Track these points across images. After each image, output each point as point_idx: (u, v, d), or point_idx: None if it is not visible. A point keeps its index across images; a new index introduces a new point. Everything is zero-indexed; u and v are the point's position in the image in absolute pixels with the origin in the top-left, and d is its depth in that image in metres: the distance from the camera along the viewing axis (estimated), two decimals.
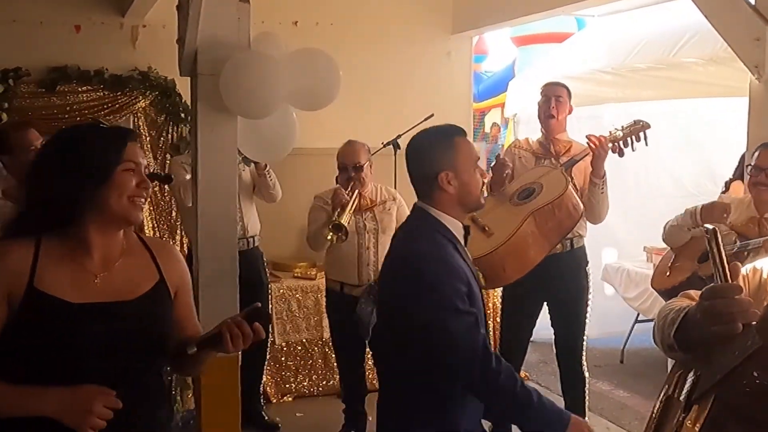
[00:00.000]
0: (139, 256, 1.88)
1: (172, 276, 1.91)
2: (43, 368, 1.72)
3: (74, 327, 1.73)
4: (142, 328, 1.79)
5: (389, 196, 4.22)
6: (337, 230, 3.88)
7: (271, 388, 4.98)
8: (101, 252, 1.81)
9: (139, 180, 1.80)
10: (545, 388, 5.30)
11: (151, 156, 5.22)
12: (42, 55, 4.91)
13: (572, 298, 3.99)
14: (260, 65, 2.50)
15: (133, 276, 1.84)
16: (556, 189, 3.58)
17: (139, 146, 1.86)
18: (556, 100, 3.92)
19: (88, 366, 1.72)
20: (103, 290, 1.78)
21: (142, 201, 1.81)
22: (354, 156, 4.09)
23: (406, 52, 5.79)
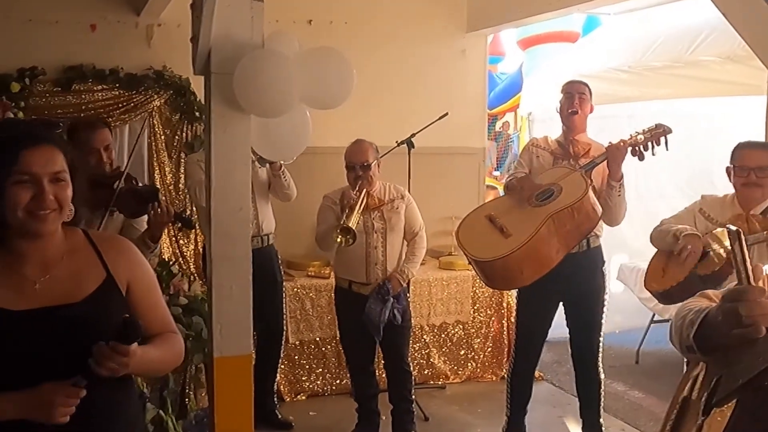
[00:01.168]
0: (84, 255, 1.82)
1: (121, 271, 1.84)
2: None
3: (19, 335, 1.69)
4: (88, 330, 1.72)
5: (398, 194, 4.20)
6: (346, 233, 3.88)
7: (284, 386, 4.99)
8: (36, 257, 1.76)
9: (36, 192, 1.69)
10: (559, 388, 5.28)
11: (165, 155, 5.24)
12: (58, 54, 4.93)
13: (588, 298, 3.96)
14: (274, 64, 2.49)
15: (77, 277, 1.78)
16: (575, 192, 3.56)
17: (45, 148, 1.73)
18: (579, 97, 3.90)
19: (39, 373, 1.68)
20: (45, 295, 1.74)
21: (44, 215, 1.70)
22: (361, 155, 4.09)
23: (420, 51, 5.78)
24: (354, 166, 4.10)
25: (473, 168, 6.07)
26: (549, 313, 4.04)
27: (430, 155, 5.33)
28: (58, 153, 1.75)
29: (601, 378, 4.07)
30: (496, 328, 5.51)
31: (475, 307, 5.44)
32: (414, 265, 4.19)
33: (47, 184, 1.70)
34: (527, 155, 4.05)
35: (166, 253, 5.12)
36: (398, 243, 4.16)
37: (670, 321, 1.69)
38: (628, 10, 5.99)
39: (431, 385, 5.30)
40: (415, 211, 4.24)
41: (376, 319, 4.03)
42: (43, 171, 1.71)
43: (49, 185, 1.71)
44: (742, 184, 3.24)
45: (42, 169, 1.71)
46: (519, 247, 3.45)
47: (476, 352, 5.46)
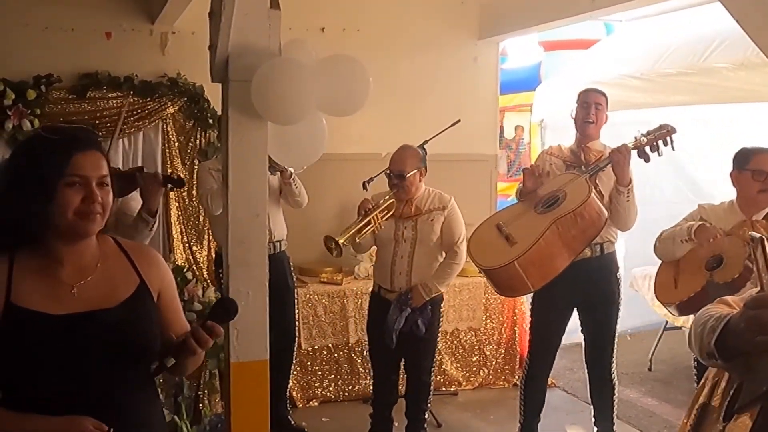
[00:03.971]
0: (117, 262, 1.87)
1: (154, 279, 1.90)
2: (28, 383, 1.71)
3: (57, 339, 1.71)
4: (126, 334, 1.77)
5: (440, 205, 4.08)
6: (330, 242, 3.88)
7: (297, 392, 5.00)
8: (73, 262, 1.79)
9: (86, 194, 1.74)
10: (572, 395, 5.27)
11: (179, 161, 5.26)
12: (73, 61, 4.96)
13: (602, 304, 3.96)
14: (291, 72, 2.51)
15: (112, 283, 1.82)
16: (578, 197, 3.57)
17: (93, 153, 1.78)
18: (596, 107, 3.90)
19: (75, 376, 1.71)
20: (82, 300, 1.77)
21: (93, 215, 1.75)
22: (399, 164, 4.02)
23: (432, 58, 5.79)
24: (391, 173, 4.07)
25: (485, 174, 6.07)
26: (563, 319, 4.04)
27: (442, 162, 5.32)
28: (103, 158, 1.80)
29: (614, 384, 4.07)
30: (508, 334, 5.50)
31: (487, 314, 5.44)
32: (442, 280, 4.03)
33: (96, 187, 1.75)
34: (541, 163, 4.06)
35: (180, 260, 5.14)
36: (428, 255, 4.04)
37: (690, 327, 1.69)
38: (641, 17, 5.99)
39: (443, 391, 5.30)
40: (457, 222, 4.08)
41: (391, 326, 4.01)
42: (93, 174, 1.76)
43: (97, 188, 1.76)
44: (760, 190, 3.22)
45: (92, 172, 1.76)
46: (522, 254, 3.47)
47: (488, 359, 5.46)
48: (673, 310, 3.44)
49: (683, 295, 3.35)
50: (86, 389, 1.72)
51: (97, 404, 1.71)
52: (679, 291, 3.39)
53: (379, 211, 3.96)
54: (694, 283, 3.31)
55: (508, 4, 5.65)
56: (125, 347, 1.75)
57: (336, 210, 4.56)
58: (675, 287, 3.42)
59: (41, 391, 1.71)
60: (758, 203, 3.27)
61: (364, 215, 3.97)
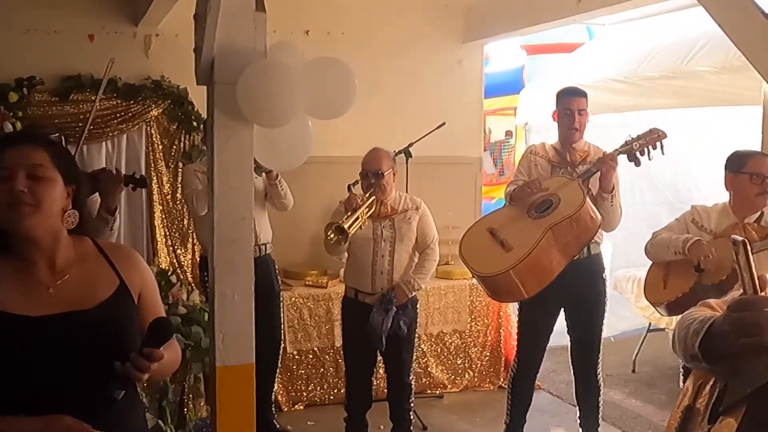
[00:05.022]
0: (96, 263, 1.84)
1: (134, 279, 1.87)
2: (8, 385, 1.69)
3: (34, 340, 1.69)
4: (104, 335, 1.74)
5: (413, 205, 4.17)
6: (339, 233, 3.87)
7: (282, 396, 4.99)
8: (47, 262, 1.77)
9: (14, 186, 1.68)
10: (557, 397, 5.29)
11: (163, 164, 5.24)
12: (56, 63, 4.93)
13: (589, 305, 3.99)
14: (277, 74, 2.50)
15: (90, 284, 1.80)
16: (573, 203, 3.58)
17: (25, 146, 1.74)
18: (579, 113, 3.92)
19: (54, 378, 1.69)
20: (60, 300, 1.74)
21: (18, 206, 1.68)
22: (375, 163, 4.09)
23: (417, 61, 5.80)
24: (367, 173, 4.10)
25: (470, 177, 6.09)
26: (550, 320, 4.06)
27: (427, 164, 5.36)
28: (39, 150, 1.75)
29: (600, 385, 4.09)
30: (493, 337, 5.52)
31: (472, 317, 5.45)
32: (423, 276, 4.13)
33: (23, 177, 1.70)
34: (526, 163, 4.07)
35: (164, 263, 5.12)
36: (406, 254, 4.13)
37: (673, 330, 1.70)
38: (623, 20, 6.04)
39: (429, 394, 5.30)
40: (430, 223, 4.19)
41: (379, 328, 4.00)
42: (18, 163, 1.71)
43: (25, 179, 1.70)
44: (758, 193, 3.25)
45: (17, 163, 1.71)
46: (519, 261, 3.47)
47: (474, 362, 5.47)
48: (662, 309, 3.48)
49: (672, 295, 3.38)
50: (65, 390, 1.70)
51: (77, 405, 1.69)
52: (668, 291, 3.42)
53: (365, 206, 3.98)
54: (682, 284, 3.34)
55: (493, 7, 5.67)
56: (104, 348, 1.72)
57: (321, 213, 4.55)
58: (664, 287, 3.46)
59: (22, 392, 1.69)
60: (754, 206, 3.31)
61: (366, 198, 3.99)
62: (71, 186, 1.80)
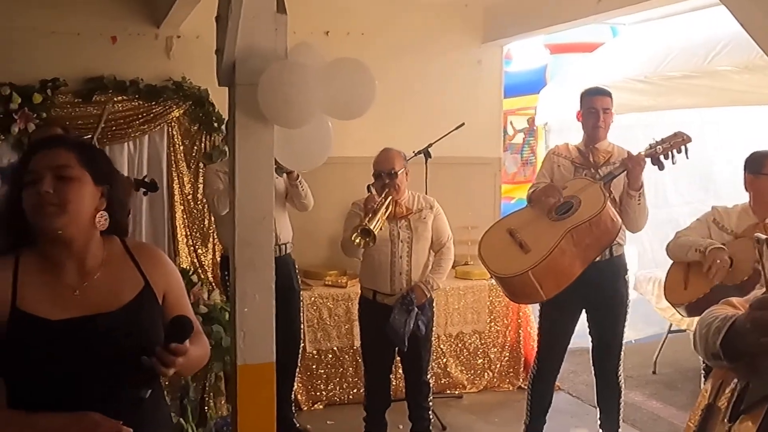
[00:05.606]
0: (122, 265, 1.84)
1: (159, 279, 1.87)
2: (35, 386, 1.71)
3: (58, 343, 1.70)
4: (127, 337, 1.75)
5: (426, 204, 4.19)
6: (365, 235, 3.88)
7: (302, 395, 5.01)
8: (75, 264, 1.78)
9: (39, 189, 1.70)
10: (577, 398, 5.27)
11: (184, 165, 5.28)
12: (79, 65, 4.99)
13: (611, 307, 3.97)
14: (297, 75, 2.52)
15: (115, 285, 1.80)
16: (593, 206, 3.57)
17: (51, 150, 1.75)
18: (604, 112, 3.90)
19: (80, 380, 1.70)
20: (84, 303, 1.75)
21: (44, 209, 1.70)
22: (388, 163, 4.10)
23: (436, 61, 5.81)
24: (381, 173, 4.11)
25: (489, 177, 6.09)
26: (571, 321, 4.04)
27: (446, 165, 5.36)
28: (66, 151, 1.76)
29: (621, 387, 4.07)
30: (512, 337, 5.51)
31: (491, 317, 5.44)
32: (440, 275, 4.16)
33: (49, 179, 1.71)
34: (548, 164, 4.05)
35: (185, 263, 5.16)
36: (424, 253, 4.15)
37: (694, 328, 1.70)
38: (645, 20, 6.00)
39: (448, 394, 5.30)
40: (444, 221, 4.22)
41: (401, 330, 4.02)
42: (44, 165, 1.72)
43: (52, 180, 1.71)
44: None
45: (42, 164, 1.72)
46: (538, 263, 3.46)
47: (493, 362, 5.46)
48: (682, 310, 3.46)
49: (692, 296, 3.36)
50: (91, 391, 1.72)
51: (103, 406, 1.70)
52: (689, 292, 3.40)
53: (385, 207, 3.99)
54: (703, 284, 3.32)
55: (512, 7, 5.66)
56: (127, 349, 1.72)
57: (340, 213, 4.55)
58: (684, 288, 3.44)
59: (48, 394, 1.71)
60: None
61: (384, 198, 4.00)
62: (103, 186, 1.80)
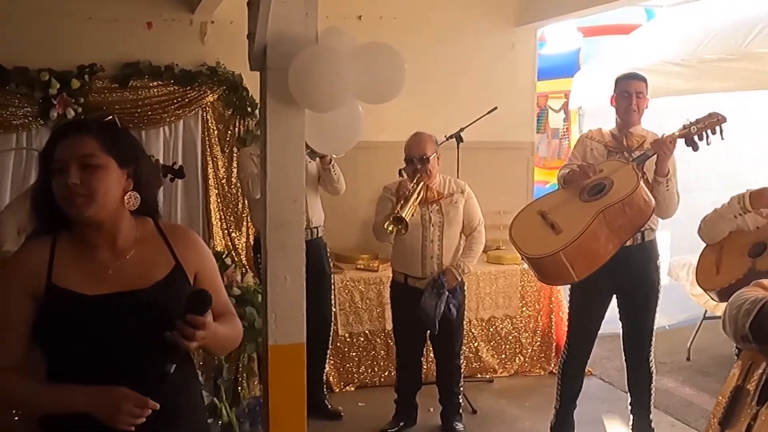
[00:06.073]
0: (154, 245, 1.89)
1: (190, 260, 1.91)
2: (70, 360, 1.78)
3: (92, 318, 1.76)
4: (157, 314, 1.79)
5: (458, 188, 4.20)
6: (398, 223, 3.90)
7: (334, 377, 5.06)
8: (108, 244, 1.83)
9: (67, 180, 1.74)
10: (609, 383, 5.26)
11: (218, 149, 5.34)
12: (116, 51, 5.07)
13: (642, 292, 3.94)
14: (327, 60, 2.54)
15: (147, 264, 1.85)
16: (626, 186, 3.54)
17: (75, 137, 1.78)
18: (637, 96, 3.86)
19: (112, 355, 1.76)
20: (117, 281, 1.81)
21: (72, 199, 1.74)
22: (420, 148, 4.10)
23: (469, 45, 5.78)
24: (412, 158, 4.11)
25: (522, 162, 6.06)
26: (602, 306, 4.02)
27: (479, 149, 5.35)
28: (88, 138, 1.78)
29: (652, 373, 4.05)
30: (544, 322, 5.50)
31: (523, 302, 5.44)
32: (471, 259, 4.18)
33: (75, 169, 1.74)
34: (581, 147, 4.03)
35: (219, 246, 5.24)
36: (455, 237, 4.17)
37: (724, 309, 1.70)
38: (682, 1, 5.90)
39: (479, 378, 5.32)
40: (475, 205, 4.23)
41: (432, 313, 4.05)
42: (68, 155, 1.75)
43: (78, 170, 1.75)
44: None
45: (66, 154, 1.76)
46: (569, 244, 3.45)
47: (524, 347, 5.46)
48: (714, 295, 3.42)
49: (724, 281, 3.32)
50: (121, 366, 1.77)
51: (132, 381, 1.75)
52: (721, 277, 3.36)
53: (416, 193, 4.00)
54: (736, 269, 3.28)
55: None
56: (157, 326, 1.76)
57: (371, 197, 4.58)
58: (717, 273, 3.40)
59: (81, 367, 1.77)
60: None
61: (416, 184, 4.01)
62: (128, 167, 1.83)
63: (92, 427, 1.72)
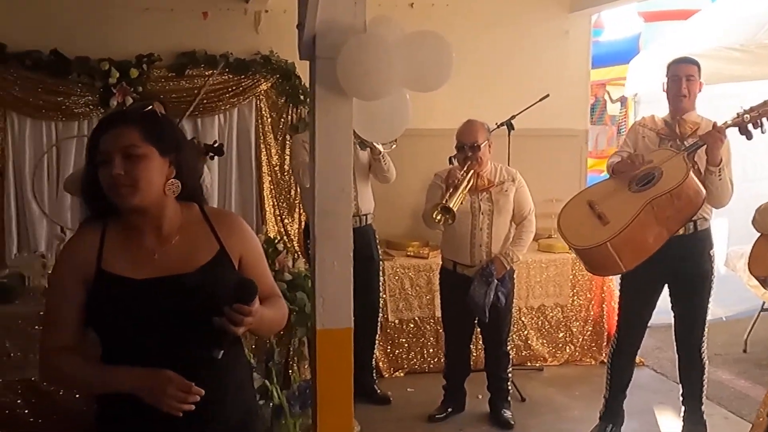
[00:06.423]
0: (198, 230, 1.93)
1: (234, 245, 1.95)
2: (119, 342, 1.85)
3: (137, 301, 1.82)
4: (201, 298, 1.83)
5: (509, 176, 4.19)
6: (446, 212, 3.91)
7: (383, 363, 5.12)
8: (154, 230, 1.89)
9: (111, 171, 1.79)
10: (662, 374, 5.20)
11: (272, 137, 5.43)
12: (172, 40, 5.18)
13: (694, 282, 3.88)
14: (375, 48, 2.55)
15: (191, 249, 1.90)
16: (675, 177, 3.49)
17: (116, 129, 1.83)
18: (687, 79, 3.79)
19: (160, 338, 1.81)
20: (163, 265, 1.86)
21: (118, 189, 1.80)
22: (471, 135, 4.10)
23: (522, 32, 5.74)
24: (463, 146, 4.12)
25: (575, 150, 6.00)
26: (653, 296, 3.98)
27: (530, 137, 5.31)
28: (130, 129, 1.83)
29: (704, 364, 3.99)
30: (596, 312, 5.45)
31: (574, 291, 5.40)
32: (520, 248, 4.17)
33: (119, 160, 1.80)
34: (633, 135, 3.99)
35: (271, 232, 5.33)
36: (505, 226, 4.17)
37: None
38: None
39: (528, 366, 5.31)
40: (526, 194, 4.21)
41: (481, 301, 4.07)
42: (112, 147, 1.81)
43: (122, 161, 1.80)
44: None
45: (110, 146, 1.82)
46: (616, 235, 3.43)
47: (575, 336, 5.43)
48: (765, 284, 3.36)
49: None
50: (171, 350, 1.82)
51: (181, 364, 1.80)
52: None
53: (465, 182, 4.01)
54: None
55: None
56: (201, 310, 1.81)
57: (421, 185, 4.60)
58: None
59: (132, 349, 1.84)
60: None
61: (465, 173, 4.01)
62: (169, 155, 1.88)
63: (144, 407, 1.78)
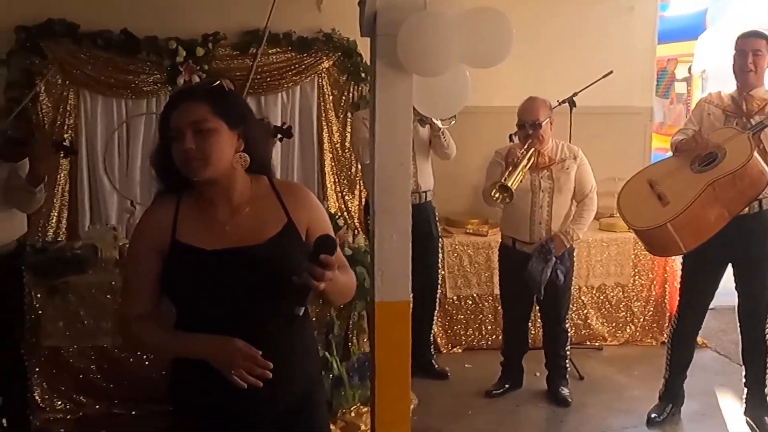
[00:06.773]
0: (267, 202, 1.99)
1: (301, 216, 1.99)
2: (192, 310, 1.93)
3: (212, 272, 1.89)
4: (272, 268, 1.88)
5: (570, 154, 4.16)
6: (504, 191, 3.92)
7: (441, 339, 5.18)
8: (226, 202, 1.95)
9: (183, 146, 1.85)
10: (725, 357, 5.12)
11: (333, 114, 5.49)
12: (236, 19, 5.26)
13: (758, 262, 3.81)
14: (435, 25, 2.58)
15: (260, 221, 1.95)
16: (738, 158, 3.42)
17: (186, 104, 1.88)
18: (754, 54, 3.70)
19: (230, 307, 1.88)
20: (233, 236, 1.92)
21: (189, 163, 1.86)
22: (533, 113, 4.08)
23: (586, 7, 5.65)
24: (524, 123, 4.11)
25: (639, 128, 5.90)
26: (715, 276, 3.91)
27: (592, 115, 5.24)
28: (199, 104, 1.88)
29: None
30: (657, 292, 5.39)
31: (635, 270, 5.35)
32: (581, 226, 4.15)
33: (190, 135, 1.87)
34: (698, 112, 3.92)
35: (332, 208, 5.41)
36: (565, 204, 4.15)
37: None
38: None
39: (588, 345, 5.29)
40: (588, 172, 4.18)
41: (538, 277, 4.08)
42: (183, 122, 1.87)
43: (193, 135, 1.87)
44: None
45: (181, 121, 1.87)
46: (676, 216, 3.39)
47: (636, 316, 5.38)
48: None
49: None
50: (241, 319, 1.90)
51: (251, 332, 1.87)
52: None
53: (525, 160, 4.00)
54: None
55: None
56: (270, 281, 1.88)
57: (481, 162, 4.60)
58: None
59: (204, 318, 1.92)
60: None
61: (525, 151, 4.01)
62: (238, 129, 1.94)
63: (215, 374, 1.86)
